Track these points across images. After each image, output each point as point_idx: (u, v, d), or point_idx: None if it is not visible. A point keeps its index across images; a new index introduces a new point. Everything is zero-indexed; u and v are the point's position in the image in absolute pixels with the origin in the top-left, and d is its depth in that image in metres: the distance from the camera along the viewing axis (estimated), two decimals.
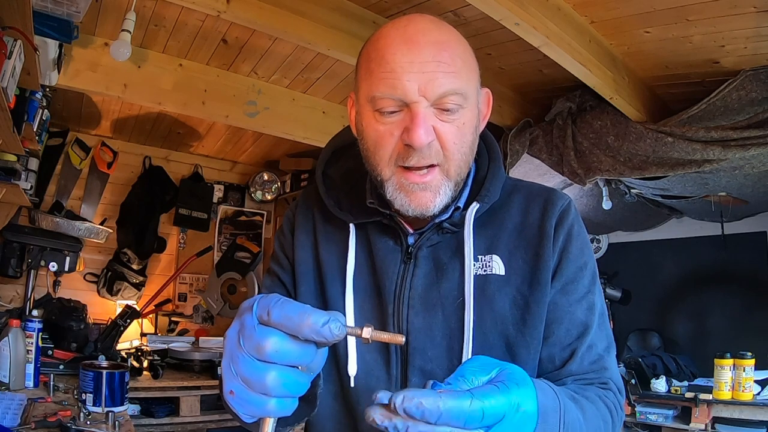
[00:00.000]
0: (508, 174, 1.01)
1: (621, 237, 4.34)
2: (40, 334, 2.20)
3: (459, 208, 0.82)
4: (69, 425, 1.65)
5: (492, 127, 0.88)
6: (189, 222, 3.94)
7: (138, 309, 3.17)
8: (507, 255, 0.81)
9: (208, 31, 2.40)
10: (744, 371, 2.96)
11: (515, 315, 0.79)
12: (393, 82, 0.71)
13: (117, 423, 1.81)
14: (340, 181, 0.91)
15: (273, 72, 2.80)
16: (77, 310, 2.88)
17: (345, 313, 0.82)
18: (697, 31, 2.05)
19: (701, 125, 2.35)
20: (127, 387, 2.17)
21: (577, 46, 2.04)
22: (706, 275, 3.92)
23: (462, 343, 0.77)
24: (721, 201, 3.23)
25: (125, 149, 3.72)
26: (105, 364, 2.22)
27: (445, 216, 0.81)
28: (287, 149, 3.89)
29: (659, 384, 3.31)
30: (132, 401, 2.46)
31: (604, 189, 3.27)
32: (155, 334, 3.60)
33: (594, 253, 4.62)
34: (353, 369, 0.81)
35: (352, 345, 0.81)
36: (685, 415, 3.19)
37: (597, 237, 4.41)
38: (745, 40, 2.05)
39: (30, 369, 2.14)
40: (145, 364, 2.87)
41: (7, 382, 2.02)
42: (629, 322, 4.21)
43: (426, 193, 0.75)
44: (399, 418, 0.49)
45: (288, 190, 4.09)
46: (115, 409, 1.96)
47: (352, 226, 0.86)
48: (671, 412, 3.25)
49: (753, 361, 2.98)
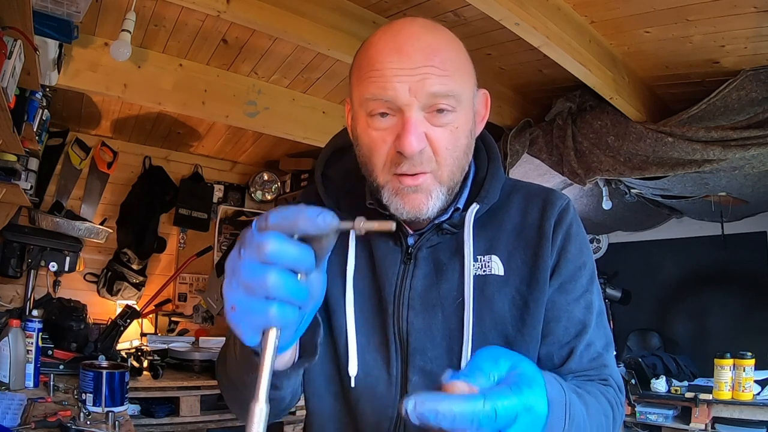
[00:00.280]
0: (507, 174, 1.01)
1: (621, 237, 4.34)
2: (40, 334, 2.20)
3: (459, 209, 0.82)
4: (69, 425, 1.65)
5: (492, 127, 0.87)
6: (189, 222, 3.94)
7: (138, 309, 3.17)
8: (506, 255, 0.81)
9: (208, 31, 2.40)
10: (744, 371, 2.96)
11: (514, 315, 0.79)
12: (383, 83, 0.71)
13: (117, 423, 1.81)
14: (339, 182, 0.91)
15: (273, 72, 2.80)
16: (77, 310, 2.87)
17: (345, 313, 0.82)
18: (697, 31, 2.05)
19: (701, 125, 2.35)
20: (127, 387, 2.17)
21: (577, 46, 2.04)
22: (706, 275, 3.92)
23: (462, 343, 0.78)
24: (721, 201, 3.23)
25: (125, 149, 3.72)
26: (105, 364, 2.22)
27: (445, 217, 0.82)
28: (287, 149, 3.89)
29: (659, 384, 3.32)
30: (132, 401, 2.45)
31: (604, 189, 3.27)
32: (155, 334, 3.60)
33: (594, 253, 4.62)
34: (353, 369, 0.81)
35: (352, 345, 0.81)
36: (685, 415, 3.19)
37: (597, 237, 4.41)
38: (745, 40, 2.05)
39: (30, 369, 2.13)
40: (145, 364, 2.87)
41: (7, 382, 2.02)
42: (629, 322, 4.20)
43: (418, 195, 0.75)
44: None
45: (288, 190, 4.09)
46: (115, 409, 1.96)
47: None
48: (671, 412, 3.25)
49: (753, 361, 2.98)
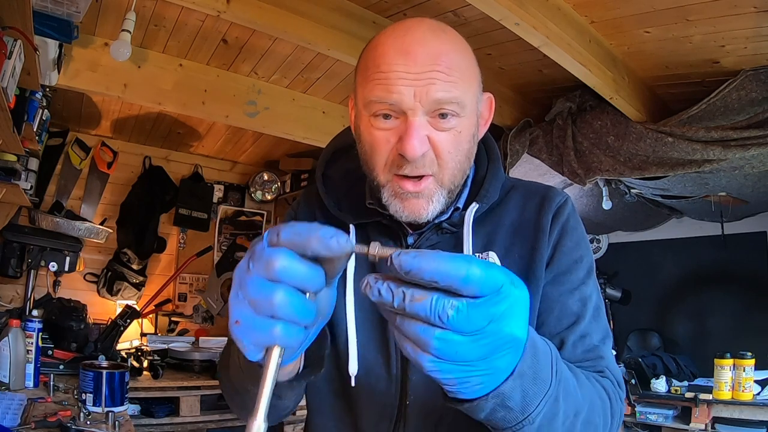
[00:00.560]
0: (507, 174, 1.01)
1: (621, 237, 4.34)
2: (40, 334, 2.20)
3: (458, 208, 0.83)
4: (69, 425, 1.65)
5: (492, 127, 0.87)
6: (189, 222, 3.94)
7: (138, 309, 3.17)
8: (503, 251, 0.81)
9: (208, 31, 2.40)
10: (744, 371, 2.96)
11: None
12: (389, 87, 0.71)
13: (117, 423, 1.81)
14: (340, 182, 0.91)
15: (273, 72, 2.80)
16: (77, 310, 2.87)
17: (346, 313, 0.82)
18: (697, 31, 2.05)
19: (701, 125, 2.35)
20: (127, 387, 2.17)
21: (577, 46, 2.04)
22: (706, 275, 3.92)
23: None
24: (721, 201, 3.23)
25: (125, 149, 3.72)
26: (105, 364, 2.22)
27: (445, 216, 0.82)
28: (287, 149, 3.89)
29: (659, 384, 3.32)
30: (132, 401, 2.45)
31: (604, 189, 3.27)
32: (155, 334, 3.60)
33: (594, 254, 4.62)
34: (354, 368, 0.81)
35: (353, 344, 0.81)
36: (685, 415, 3.19)
37: (597, 237, 4.41)
38: (745, 40, 2.05)
39: (30, 369, 2.13)
40: (145, 364, 2.87)
41: (7, 382, 2.02)
42: (629, 322, 4.21)
43: (419, 201, 0.75)
44: (392, 280, 0.47)
45: (288, 190, 4.09)
46: (115, 409, 1.96)
47: (352, 226, 0.86)
48: (671, 412, 3.26)
49: (753, 361, 2.98)
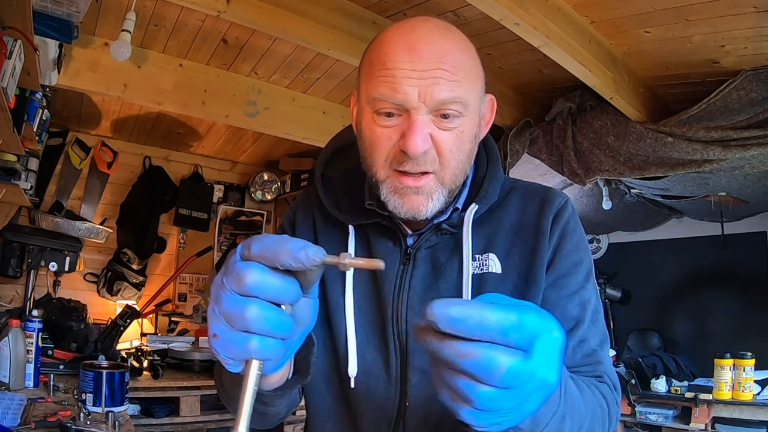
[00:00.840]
0: (507, 174, 1.01)
1: (621, 237, 4.34)
2: (40, 334, 2.20)
3: (458, 209, 0.83)
4: (69, 425, 1.65)
5: (492, 127, 0.87)
6: (189, 222, 3.94)
7: (138, 309, 3.17)
8: (503, 253, 0.81)
9: (208, 31, 2.40)
10: (744, 371, 2.96)
11: None
12: (394, 86, 0.71)
13: (117, 423, 1.81)
14: (339, 182, 0.91)
15: (273, 72, 2.80)
16: (77, 310, 2.88)
17: (345, 314, 0.82)
18: (697, 31, 2.05)
19: (701, 125, 2.35)
20: (127, 387, 2.17)
21: (577, 46, 2.04)
22: (706, 275, 3.91)
23: None
24: (721, 201, 3.23)
25: (125, 149, 3.72)
26: (105, 364, 2.22)
27: (444, 217, 0.82)
28: (287, 149, 3.89)
29: (659, 384, 3.31)
30: (132, 401, 2.45)
31: (604, 189, 3.27)
32: (155, 334, 3.60)
33: (594, 254, 4.60)
34: (353, 370, 0.81)
35: (352, 346, 0.81)
36: (685, 415, 3.18)
37: (597, 237, 4.41)
38: (745, 40, 2.05)
39: (30, 369, 2.13)
40: (145, 364, 2.87)
41: (7, 382, 2.02)
42: (629, 322, 4.20)
43: (419, 197, 0.75)
44: (446, 339, 0.44)
45: (288, 190, 4.09)
46: (115, 409, 1.96)
47: (351, 227, 0.86)
48: (671, 412, 3.25)
49: (753, 361, 2.98)
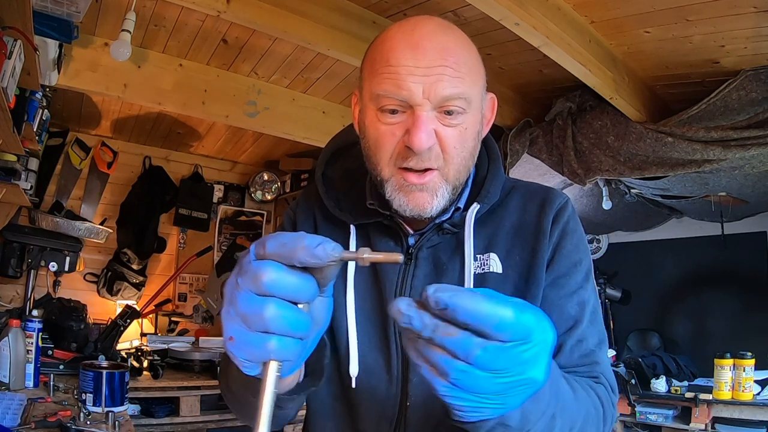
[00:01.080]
0: (507, 174, 1.01)
1: (621, 237, 4.34)
2: (40, 334, 2.20)
3: (459, 209, 0.82)
4: (69, 425, 1.65)
5: (492, 127, 0.87)
6: (189, 222, 3.94)
7: (138, 309, 3.17)
8: (504, 253, 0.81)
9: (208, 31, 2.40)
10: (744, 371, 2.96)
11: None
12: (398, 82, 0.71)
13: (117, 423, 1.81)
14: (339, 182, 0.91)
15: (273, 72, 2.80)
16: (77, 310, 2.88)
17: (347, 314, 0.82)
18: (697, 31, 2.05)
19: (701, 125, 2.35)
20: (127, 387, 2.17)
21: (577, 46, 2.04)
22: (706, 275, 3.92)
23: None
24: (721, 201, 3.23)
25: (125, 149, 3.72)
26: (105, 364, 2.22)
27: (446, 217, 0.82)
28: (287, 149, 3.89)
29: (659, 384, 3.31)
30: (132, 401, 2.45)
31: (604, 189, 3.27)
32: (155, 334, 3.60)
33: (594, 254, 4.59)
34: (354, 370, 0.80)
35: (353, 346, 0.81)
36: (685, 415, 3.19)
37: (597, 237, 4.41)
38: (745, 40, 2.05)
39: (30, 369, 2.13)
40: (145, 364, 2.87)
41: (7, 382, 2.02)
42: (629, 322, 4.20)
43: (423, 194, 0.75)
44: (427, 313, 0.45)
45: (288, 190, 4.09)
46: (115, 409, 1.96)
47: (352, 226, 0.86)
48: (671, 412, 3.25)
49: (753, 361, 2.98)
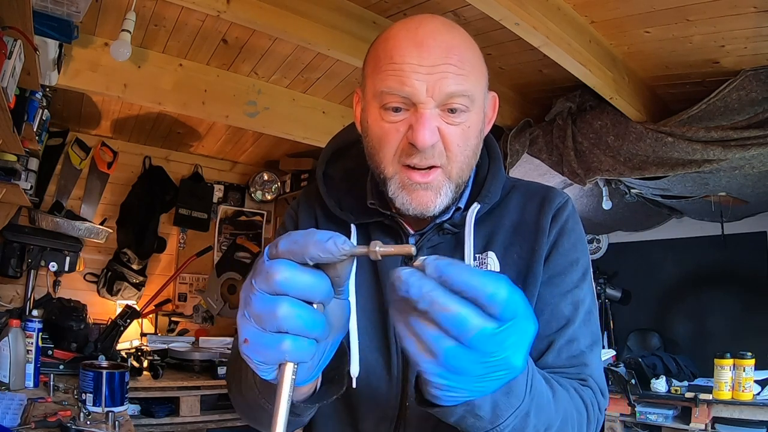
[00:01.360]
0: (508, 174, 1.01)
1: (621, 237, 4.34)
2: (40, 334, 2.20)
3: (460, 208, 0.82)
4: (69, 425, 1.65)
5: (492, 127, 0.87)
6: (189, 222, 3.94)
7: (138, 309, 3.17)
8: (502, 251, 0.81)
9: (208, 31, 2.40)
10: (744, 371, 2.96)
11: None
12: (402, 78, 0.71)
13: (117, 423, 1.81)
14: (340, 182, 0.91)
15: (273, 72, 2.80)
16: (77, 310, 2.88)
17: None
18: (697, 31, 2.05)
19: (701, 125, 2.35)
20: (127, 387, 2.17)
21: (577, 46, 2.04)
22: (706, 275, 3.92)
23: None
24: (721, 201, 3.23)
25: (125, 149, 3.72)
26: (105, 364, 2.22)
27: (446, 217, 0.82)
28: (287, 149, 3.89)
29: (659, 384, 3.31)
30: (132, 401, 2.46)
31: (604, 189, 3.27)
32: (155, 334, 3.60)
33: (594, 254, 4.58)
34: (355, 370, 0.80)
35: (354, 346, 0.81)
36: (685, 415, 3.18)
37: (597, 237, 4.41)
38: (745, 40, 2.05)
39: (30, 369, 2.13)
40: (145, 364, 2.87)
41: (7, 382, 2.02)
42: (629, 322, 4.21)
43: (427, 193, 0.75)
44: (427, 281, 0.46)
45: (288, 190, 4.09)
46: (115, 409, 1.96)
47: (353, 226, 0.86)
48: (671, 412, 3.25)
49: (753, 361, 2.98)
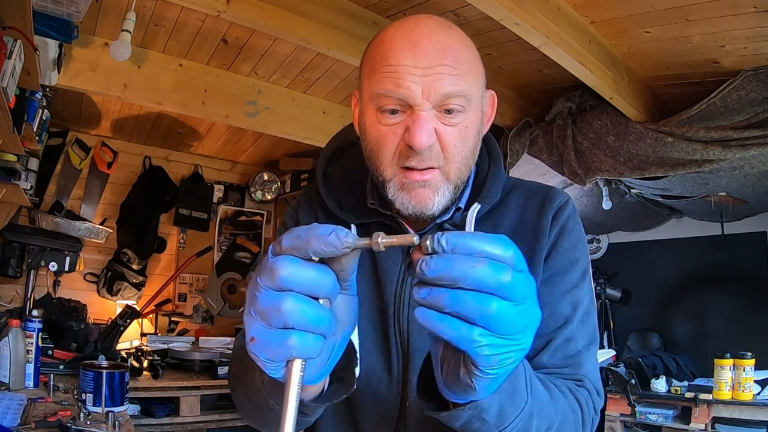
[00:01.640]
0: (508, 174, 1.01)
1: (621, 237, 4.34)
2: (40, 334, 2.20)
3: (460, 208, 0.82)
4: (69, 425, 1.65)
5: (492, 127, 0.87)
6: (189, 222, 3.94)
7: (138, 309, 3.17)
8: None
9: (208, 31, 2.40)
10: (744, 371, 2.96)
11: None
12: (397, 80, 0.71)
13: (117, 423, 1.81)
14: (340, 181, 0.91)
15: (273, 72, 2.80)
16: (77, 310, 2.88)
17: None
18: (697, 31, 2.05)
19: (701, 125, 2.35)
20: (127, 387, 2.17)
21: (577, 46, 2.04)
22: (706, 275, 3.92)
23: None
24: (721, 201, 3.23)
25: (125, 149, 3.73)
26: (105, 364, 2.22)
27: (446, 217, 0.82)
28: (287, 149, 3.89)
29: (659, 384, 3.31)
30: (132, 401, 2.46)
31: (604, 189, 3.27)
32: (155, 334, 3.60)
33: (594, 254, 4.57)
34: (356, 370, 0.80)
35: (354, 346, 0.81)
36: (685, 415, 3.18)
37: (597, 237, 4.41)
38: (745, 40, 2.05)
39: (30, 369, 2.13)
40: (145, 364, 2.87)
41: (7, 382, 2.02)
42: (629, 322, 4.21)
43: (425, 191, 0.75)
44: (446, 254, 0.45)
45: (288, 190, 4.09)
46: (115, 409, 1.96)
47: (353, 226, 0.86)
48: (671, 412, 3.25)
49: (753, 361, 2.98)
